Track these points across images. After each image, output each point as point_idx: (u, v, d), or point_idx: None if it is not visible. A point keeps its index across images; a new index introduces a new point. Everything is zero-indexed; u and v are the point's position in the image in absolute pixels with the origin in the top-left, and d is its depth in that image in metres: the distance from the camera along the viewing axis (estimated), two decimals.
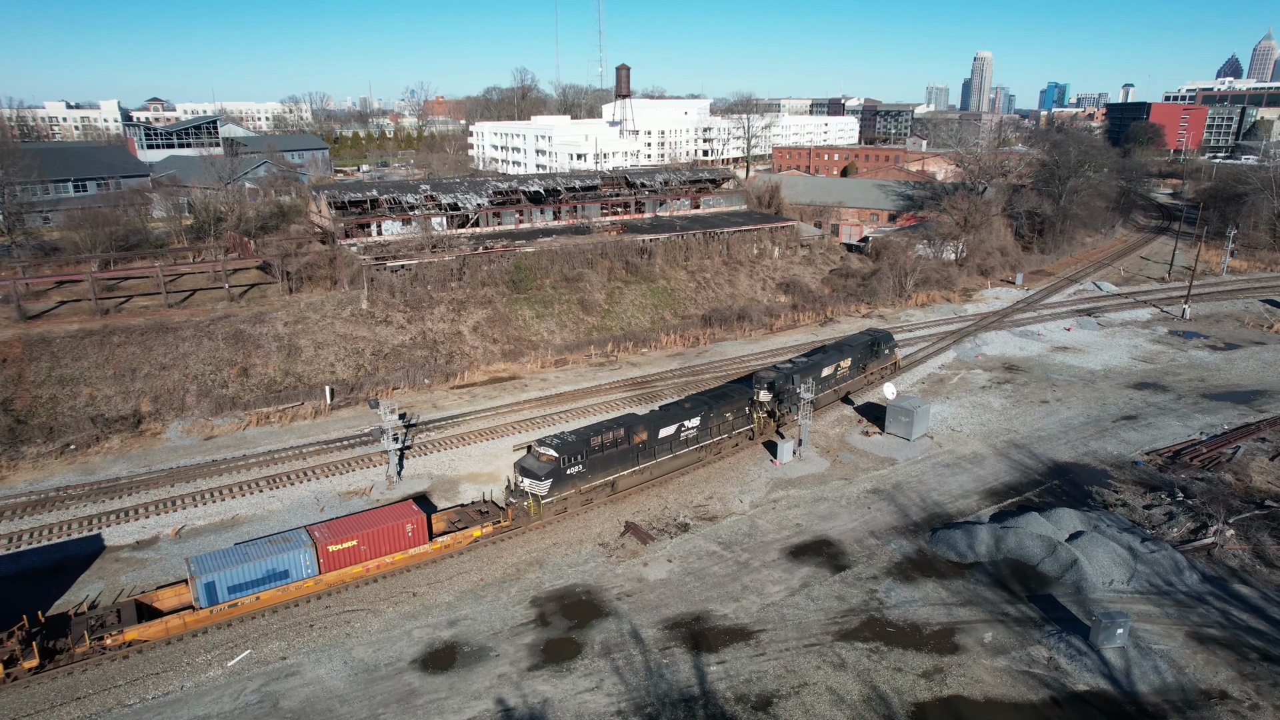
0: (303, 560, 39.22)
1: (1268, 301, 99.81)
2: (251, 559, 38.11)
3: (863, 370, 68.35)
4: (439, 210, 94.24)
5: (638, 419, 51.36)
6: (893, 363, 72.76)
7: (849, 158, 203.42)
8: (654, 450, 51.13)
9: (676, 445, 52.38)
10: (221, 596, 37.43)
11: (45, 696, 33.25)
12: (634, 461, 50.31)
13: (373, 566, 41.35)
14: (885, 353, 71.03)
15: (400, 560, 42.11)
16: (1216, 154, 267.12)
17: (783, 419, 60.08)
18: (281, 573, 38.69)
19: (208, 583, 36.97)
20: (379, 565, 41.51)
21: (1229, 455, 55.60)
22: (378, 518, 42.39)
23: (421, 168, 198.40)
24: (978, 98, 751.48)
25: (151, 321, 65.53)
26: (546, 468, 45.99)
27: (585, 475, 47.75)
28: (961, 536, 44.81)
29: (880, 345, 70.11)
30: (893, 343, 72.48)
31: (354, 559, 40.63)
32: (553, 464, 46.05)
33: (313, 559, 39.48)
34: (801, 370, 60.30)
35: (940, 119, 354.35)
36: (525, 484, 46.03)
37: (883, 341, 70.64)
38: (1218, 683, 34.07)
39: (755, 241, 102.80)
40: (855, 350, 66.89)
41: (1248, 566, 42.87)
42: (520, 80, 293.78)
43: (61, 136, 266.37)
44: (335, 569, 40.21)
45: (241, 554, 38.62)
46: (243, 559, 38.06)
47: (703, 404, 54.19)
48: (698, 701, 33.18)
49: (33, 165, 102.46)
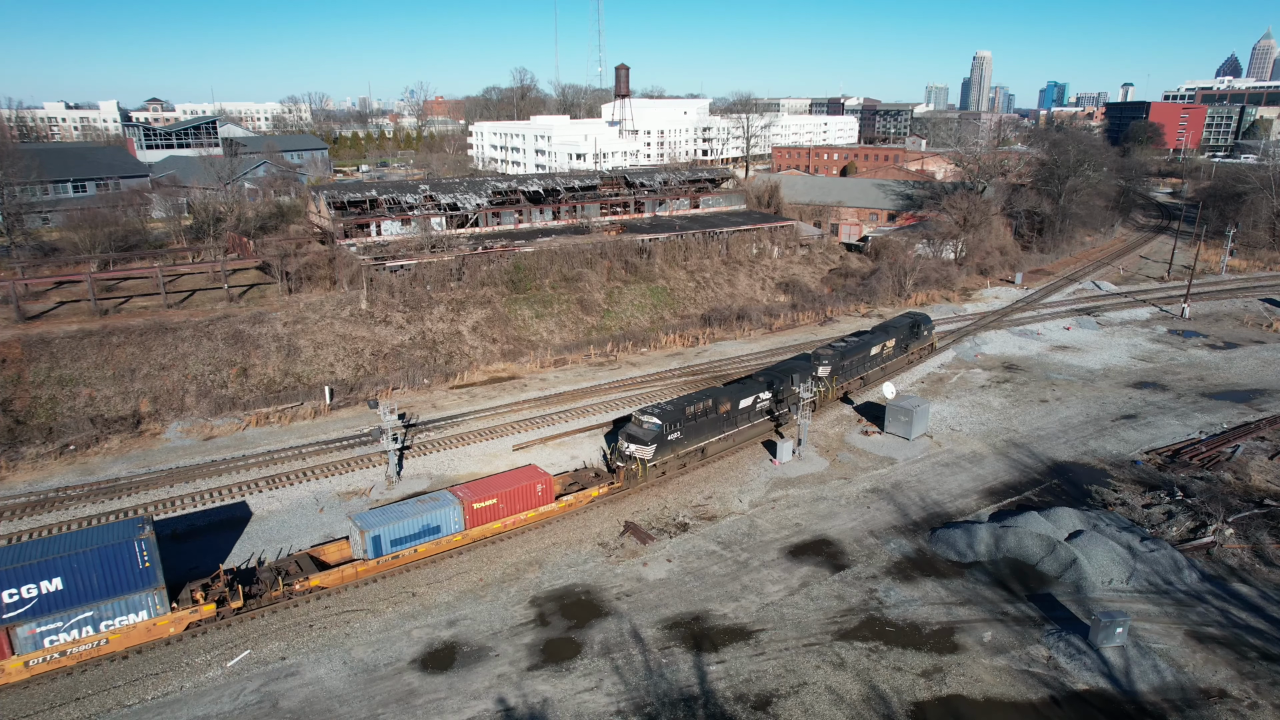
0: (452, 516, 43.38)
1: (1267, 300, 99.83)
2: (408, 516, 42.04)
3: (905, 350, 73.58)
4: (438, 210, 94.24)
5: (723, 391, 55.86)
6: (930, 344, 77.92)
7: (848, 157, 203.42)
8: (735, 419, 55.89)
9: (754, 415, 57.67)
10: (385, 549, 41.34)
11: (45, 697, 33.25)
12: (720, 429, 55.13)
13: (509, 523, 45.66)
14: (924, 334, 76.30)
15: (531, 517, 46.54)
16: (1216, 153, 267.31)
17: (838, 392, 65.50)
18: (434, 528, 42.79)
19: (374, 536, 40.76)
20: (514, 522, 45.86)
21: (1228, 454, 55.61)
22: (512, 479, 46.57)
23: (421, 168, 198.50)
24: (977, 97, 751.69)
25: (151, 322, 65.50)
26: (651, 434, 50.40)
27: (682, 441, 52.51)
28: (961, 536, 44.82)
29: (920, 327, 75.44)
30: (931, 324, 77.81)
31: (493, 516, 44.99)
32: (656, 431, 50.45)
33: (460, 515, 43.70)
34: (854, 349, 66.24)
35: (940, 118, 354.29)
36: (631, 449, 50.51)
37: (922, 324, 75.98)
38: (1217, 681, 34.08)
39: (754, 241, 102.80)
40: (899, 331, 72.20)
41: (1247, 565, 42.88)
42: (519, 80, 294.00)
43: (60, 137, 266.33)
44: (478, 524, 44.51)
45: (399, 512, 42.51)
46: (401, 516, 41.96)
47: (773, 378, 58.73)
48: (697, 701, 33.17)
49: (32, 166, 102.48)
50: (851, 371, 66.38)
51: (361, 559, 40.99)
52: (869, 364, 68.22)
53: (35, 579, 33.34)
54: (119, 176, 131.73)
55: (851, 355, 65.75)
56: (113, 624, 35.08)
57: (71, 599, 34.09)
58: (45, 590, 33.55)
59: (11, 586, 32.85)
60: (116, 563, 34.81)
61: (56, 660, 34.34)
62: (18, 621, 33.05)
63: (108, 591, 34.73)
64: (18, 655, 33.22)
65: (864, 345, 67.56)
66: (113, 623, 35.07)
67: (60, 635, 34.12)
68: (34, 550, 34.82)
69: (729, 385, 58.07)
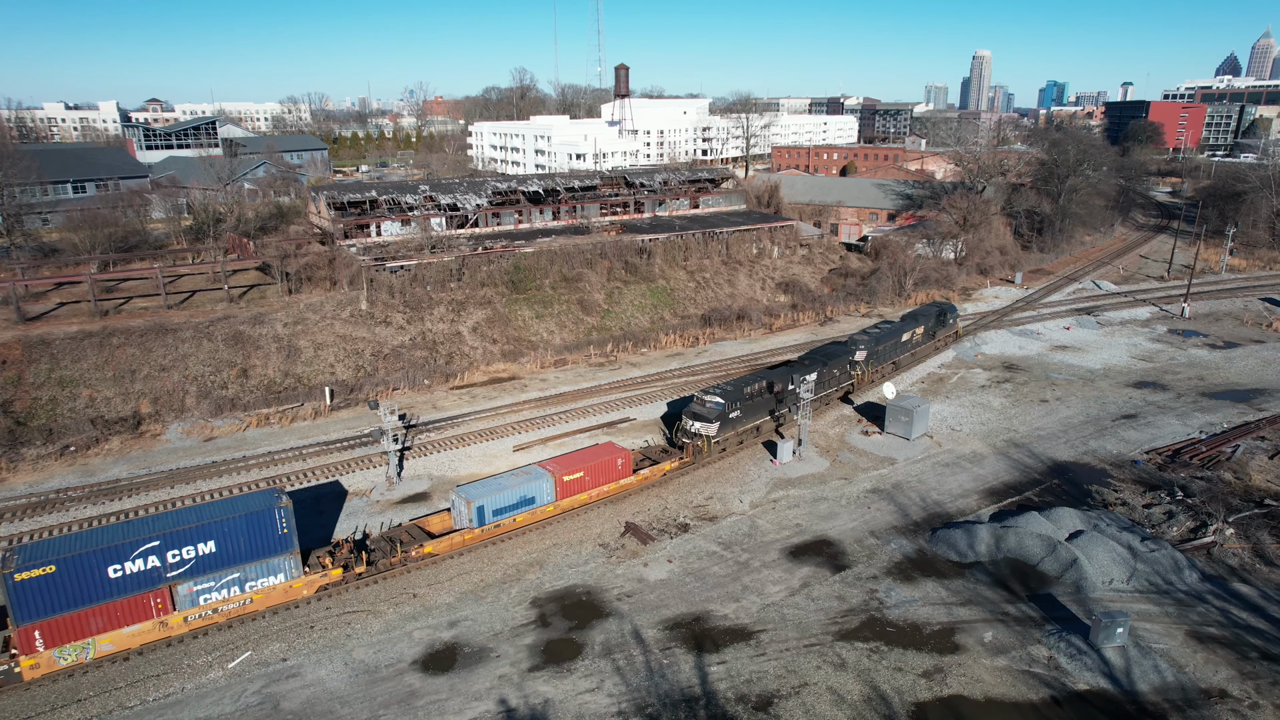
0: (545, 489, 47.07)
1: (1267, 300, 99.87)
2: (507, 488, 45.64)
3: (933, 336, 78.30)
4: (438, 211, 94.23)
5: (774, 373, 60.51)
6: (955, 331, 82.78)
7: (848, 157, 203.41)
8: (784, 399, 59.70)
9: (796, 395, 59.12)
10: (488, 519, 44.98)
11: (46, 699, 33.27)
12: (773, 408, 59.35)
13: (594, 494, 49.35)
14: (950, 321, 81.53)
15: (612, 489, 50.25)
16: (1215, 152, 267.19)
17: (872, 375, 69.12)
18: (530, 499, 46.53)
19: (479, 506, 44.32)
20: (598, 493, 49.58)
21: (1228, 454, 55.64)
22: (595, 454, 50.48)
23: (420, 168, 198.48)
24: (977, 96, 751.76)
25: (151, 323, 65.49)
26: (715, 413, 54.31)
27: (742, 419, 56.55)
28: (961, 536, 44.83)
29: (947, 315, 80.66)
30: (956, 313, 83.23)
31: (580, 488, 48.65)
32: (719, 410, 54.30)
33: (552, 488, 47.24)
34: (887, 335, 70.60)
35: (939, 118, 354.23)
36: (696, 426, 54.37)
37: (948, 312, 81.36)
38: (1217, 681, 34.10)
39: (754, 241, 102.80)
40: (927, 319, 76.61)
41: (1247, 565, 42.90)
42: (519, 80, 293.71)
43: (60, 137, 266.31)
44: (568, 495, 48.04)
45: (498, 484, 46.15)
46: (501, 488, 45.60)
47: (818, 362, 62.61)
48: (699, 702, 33.19)
49: (31, 166, 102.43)
50: (885, 356, 70.20)
51: (467, 527, 44.49)
52: (900, 349, 72.78)
53: (193, 542, 36.74)
54: (119, 177, 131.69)
55: (885, 341, 69.73)
56: (256, 585, 38.70)
57: (223, 561, 37.58)
58: (201, 552, 37.06)
59: (175, 548, 36.36)
60: (260, 529, 38.06)
61: (209, 617, 37.84)
62: (178, 580, 36.74)
63: (252, 555, 38.20)
64: (179, 611, 36.97)
65: (896, 331, 71.84)
66: (256, 584, 38.67)
67: (212, 594, 37.71)
68: (189, 516, 38.09)
69: (776, 368, 62.68)
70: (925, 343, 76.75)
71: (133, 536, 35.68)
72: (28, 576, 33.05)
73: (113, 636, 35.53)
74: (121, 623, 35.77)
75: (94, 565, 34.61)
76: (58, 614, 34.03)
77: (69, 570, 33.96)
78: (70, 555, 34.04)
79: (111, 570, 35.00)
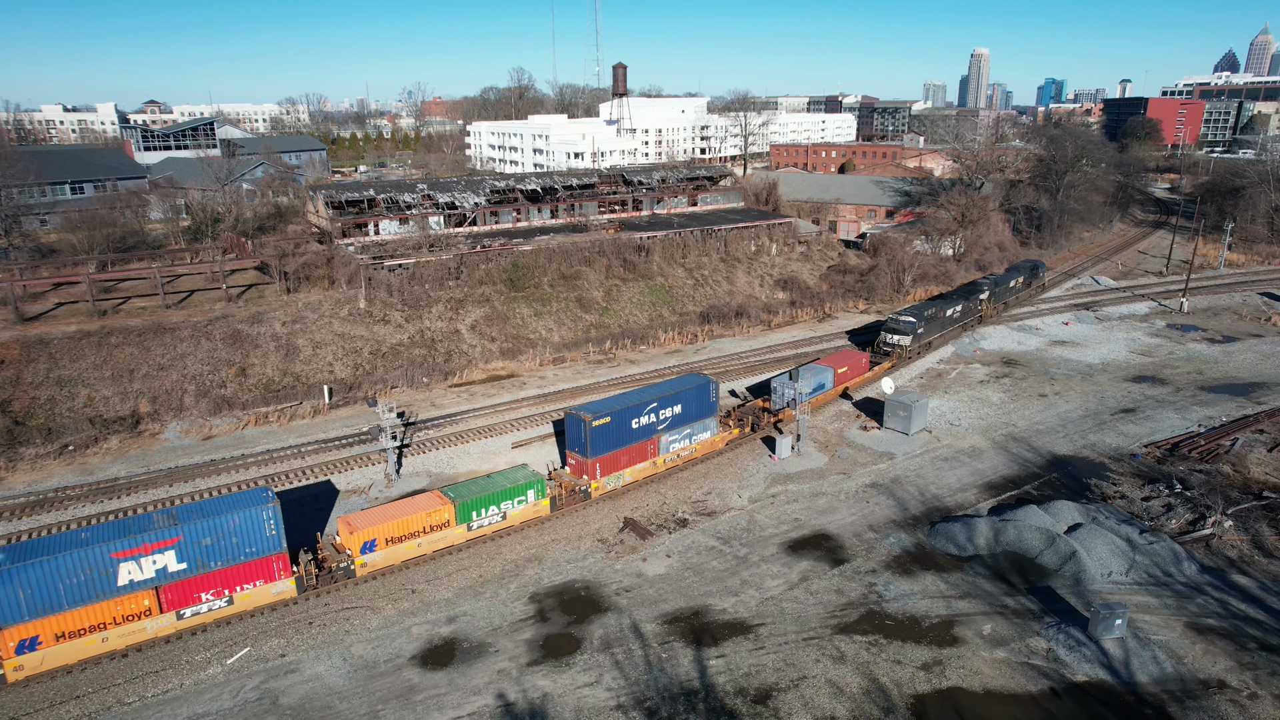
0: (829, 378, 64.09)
1: (1265, 294, 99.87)
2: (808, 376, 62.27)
3: (1028, 285, 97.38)
4: (436, 209, 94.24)
5: (941, 302, 79.29)
6: (1042, 283, 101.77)
7: (846, 155, 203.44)
8: (946, 323, 79.15)
9: (953, 321, 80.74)
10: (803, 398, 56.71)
11: (45, 695, 33.28)
12: (942, 328, 78.54)
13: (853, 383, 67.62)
14: (1040, 274, 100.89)
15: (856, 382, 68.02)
16: (1214, 148, 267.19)
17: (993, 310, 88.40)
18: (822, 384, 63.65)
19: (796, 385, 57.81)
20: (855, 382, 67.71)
21: (1227, 447, 55.65)
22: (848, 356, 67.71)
23: (419, 168, 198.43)
24: (975, 94, 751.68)
25: (149, 322, 65.49)
26: (909, 329, 72.33)
27: (923, 335, 74.65)
28: (960, 530, 44.83)
29: (1038, 269, 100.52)
30: (1044, 268, 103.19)
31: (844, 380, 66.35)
32: (911, 326, 72.46)
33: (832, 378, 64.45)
34: (1002, 280, 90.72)
35: (937, 115, 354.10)
36: (894, 339, 72.39)
37: (1039, 267, 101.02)
38: (1216, 672, 34.12)
39: (753, 239, 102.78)
40: (1025, 272, 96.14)
41: (1246, 557, 42.91)
42: (517, 80, 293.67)
43: (58, 139, 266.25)
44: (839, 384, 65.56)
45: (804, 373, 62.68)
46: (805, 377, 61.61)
47: (960, 297, 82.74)
48: (698, 695, 33.19)
49: (29, 168, 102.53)
50: (1001, 297, 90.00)
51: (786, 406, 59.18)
52: (1009, 293, 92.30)
53: (670, 405, 52.44)
54: (117, 178, 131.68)
55: (1000, 285, 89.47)
56: (699, 437, 54.62)
57: (684, 420, 53.43)
58: (673, 413, 52.69)
59: (664, 408, 51.97)
60: (700, 398, 53.77)
61: (674, 461, 53.58)
62: (663, 433, 52.29)
63: (697, 416, 54.21)
64: (660, 455, 52.41)
65: (1006, 279, 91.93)
66: (699, 436, 54.59)
67: (677, 444, 53.52)
68: (665, 387, 54.30)
69: (937, 299, 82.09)
70: (1023, 290, 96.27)
71: (642, 400, 51.07)
72: (600, 424, 47.98)
73: (631, 471, 50.88)
74: (635, 461, 51.10)
75: (626, 417, 49.65)
76: (609, 451, 49.09)
77: (616, 420, 48.98)
78: (617, 410, 49.17)
79: (634, 421, 50.19)
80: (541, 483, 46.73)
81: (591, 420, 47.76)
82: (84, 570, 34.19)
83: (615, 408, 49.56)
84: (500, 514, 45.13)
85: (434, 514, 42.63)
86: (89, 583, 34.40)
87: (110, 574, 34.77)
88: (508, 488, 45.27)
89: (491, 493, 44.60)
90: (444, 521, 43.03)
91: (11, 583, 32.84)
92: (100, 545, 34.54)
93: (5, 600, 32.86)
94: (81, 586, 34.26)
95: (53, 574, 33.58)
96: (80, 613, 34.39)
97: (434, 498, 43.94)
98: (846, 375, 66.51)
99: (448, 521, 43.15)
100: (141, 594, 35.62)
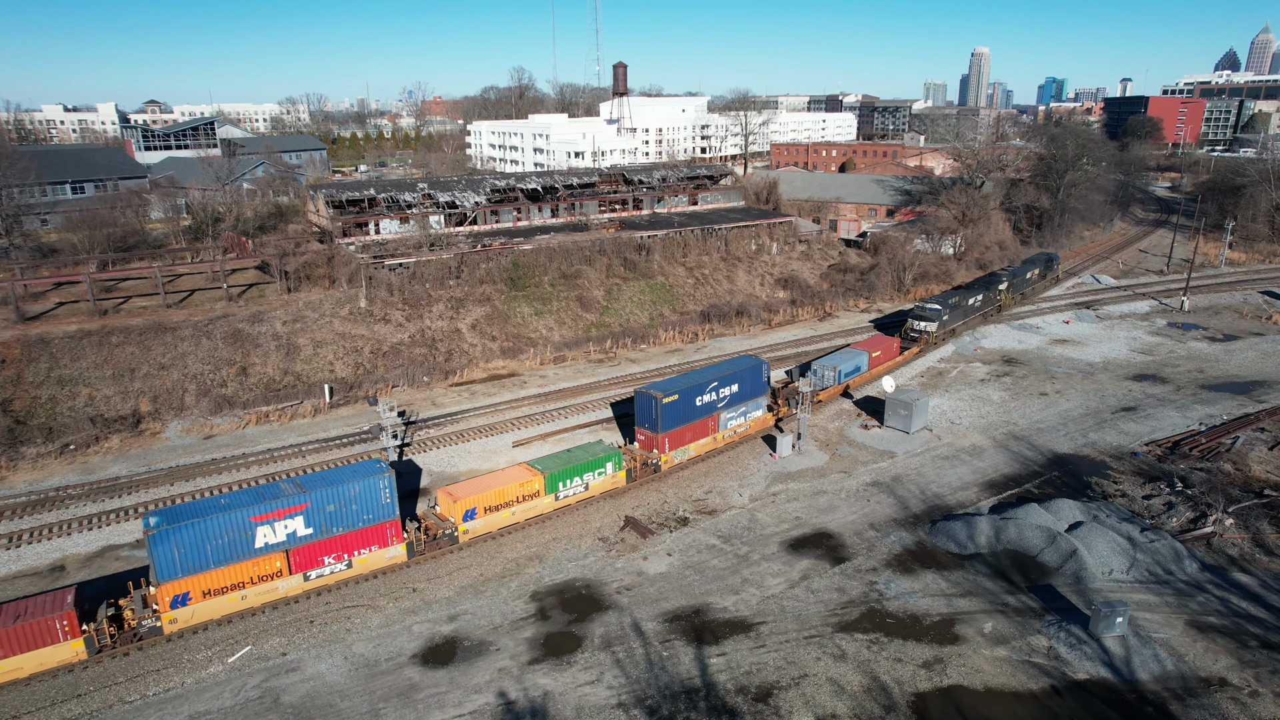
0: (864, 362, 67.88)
1: (1266, 293, 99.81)
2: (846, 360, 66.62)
3: (1044, 277, 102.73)
4: (437, 209, 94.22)
5: (963, 291, 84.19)
6: (1056, 275, 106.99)
7: (847, 154, 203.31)
8: (968, 311, 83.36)
9: (975, 309, 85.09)
10: (843, 379, 65.71)
11: (45, 694, 33.29)
12: (965, 315, 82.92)
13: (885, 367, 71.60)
14: (1055, 266, 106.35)
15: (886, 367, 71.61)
16: (1214, 147, 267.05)
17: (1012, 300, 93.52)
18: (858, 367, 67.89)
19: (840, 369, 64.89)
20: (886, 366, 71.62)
21: (1228, 445, 55.61)
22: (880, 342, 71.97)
23: (419, 167, 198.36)
24: (975, 93, 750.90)
25: (150, 322, 65.50)
26: (935, 315, 76.84)
27: (948, 321, 79.26)
28: (961, 528, 44.83)
29: (1053, 261, 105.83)
30: (1058, 260, 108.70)
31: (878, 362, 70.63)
32: (938, 314, 76.96)
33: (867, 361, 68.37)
34: (1020, 271, 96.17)
35: (938, 114, 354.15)
36: (921, 325, 76.69)
37: (1054, 259, 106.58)
38: (1217, 670, 34.11)
39: (753, 238, 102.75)
40: (1040, 264, 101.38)
41: (1247, 555, 42.89)
42: (517, 79, 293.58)
43: (59, 139, 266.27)
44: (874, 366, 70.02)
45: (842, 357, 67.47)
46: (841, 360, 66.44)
47: (981, 287, 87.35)
48: (699, 693, 33.19)
49: (30, 168, 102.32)
50: (1018, 287, 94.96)
51: (834, 384, 64.54)
52: (1026, 284, 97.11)
53: (728, 384, 55.80)
54: (117, 178, 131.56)
55: (1018, 276, 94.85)
56: (752, 415, 58.12)
57: (739, 399, 56.85)
58: (731, 392, 56.15)
59: (724, 387, 55.46)
60: (754, 378, 57.55)
61: (731, 437, 56.99)
62: (722, 411, 55.81)
63: (751, 395, 57.58)
64: (720, 430, 56.01)
65: (1024, 270, 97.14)
66: (752, 414, 58.10)
67: (734, 421, 56.96)
68: (724, 368, 57.51)
69: (960, 289, 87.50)
70: (1039, 281, 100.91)
71: (705, 379, 54.39)
72: (669, 401, 51.54)
73: (695, 446, 54.40)
74: (699, 437, 54.46)
75: (691, 395, 53.07)
76: (676, 427, 52.53)
77: (683, 398, 52.51)
78: (683, 388, 52.56)
79: (698, 400, 53.53)
80: (619, 455, 50.46)
81: (661, 398, 51.19)
82: (228, 532, 37.05)
83: (682, 386, 53.10)
84: (583, 485, 48.71)
85: (526, 484, 46.04)
86: (231, 544, 37.27)
87: (249, 536, 37.60)
88: (589, 460, 48.83)
89: (575, 465, 48.07)
90: (535, 492, 46.42)
91: (168, 542, 35.60)
92: (240, 510, 37.41)
93: (163, 558, 35.67)
94: (225, 547, 37.17)
95: (202, 535, 36.48)
96: (223, 572, 37.33)
97: (524, 470, 47.37)
98: (880, 359, 70.56)
99: (538, 491, 46.54)
100: (274, 556, 38.47)
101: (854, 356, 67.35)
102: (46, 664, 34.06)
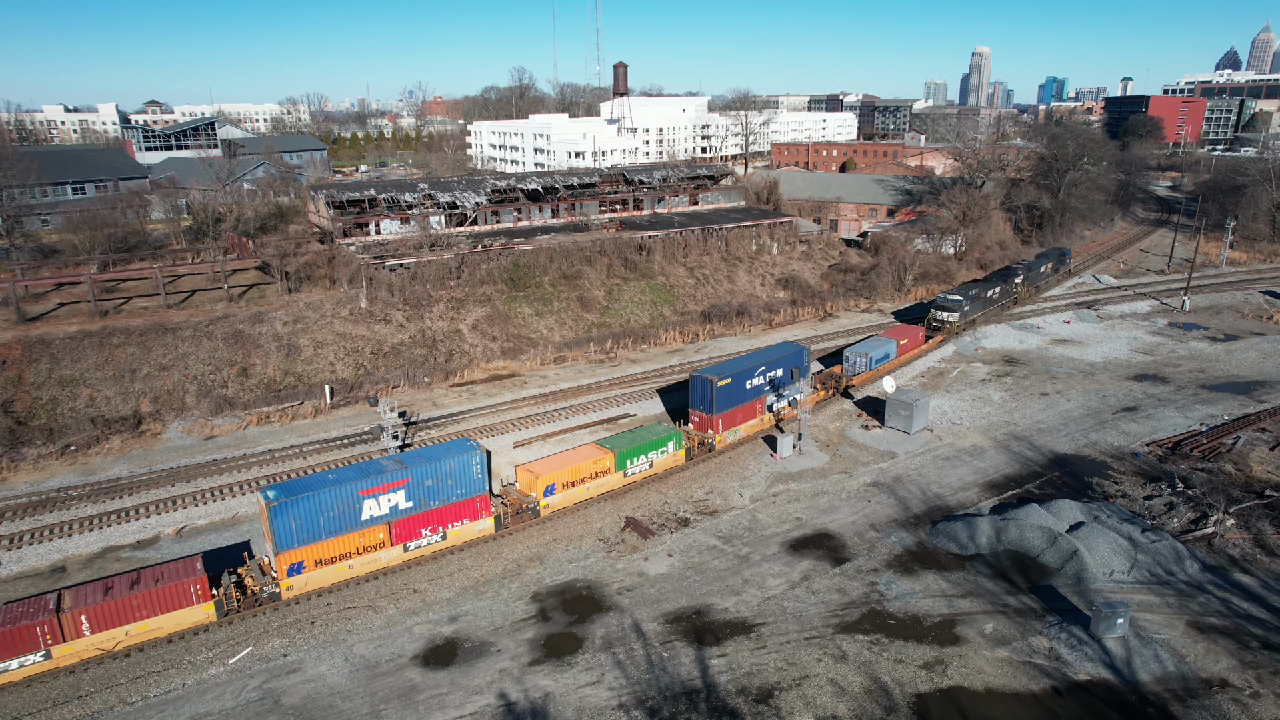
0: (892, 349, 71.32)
1: (1267, 293, 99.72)
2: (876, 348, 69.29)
3: (1057, 271, 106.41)
4: (437, 209, 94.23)
5: (983, 284, 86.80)
6: (1068, 269, 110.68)
7: (847, 153, 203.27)
8: (988, 302, 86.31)
9: (993, 301, 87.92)
10: (873, 365, 68.75)
11: (47, 695, 33.31)
12: (985, 306, 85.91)
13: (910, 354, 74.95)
14: (1068, 261, 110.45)
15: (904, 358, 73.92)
16: (1215, 146, 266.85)
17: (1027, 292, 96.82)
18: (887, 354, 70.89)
19: (870, 356, 68.24)
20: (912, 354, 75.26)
21: (1229, 445, 55.58)
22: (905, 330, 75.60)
23: (420, 167, 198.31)
24: (976, 93, 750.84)
25: (151, 322, 65.54)
26: (957, 306, 80.00)
27: (969, 312, 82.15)
28: (962, 528, 44.81)
29: (1065, 256, 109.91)
30: (1070, 255, 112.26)
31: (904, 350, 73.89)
32: (959, 305, 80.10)
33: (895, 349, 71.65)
34: (1034, 265, 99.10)
35: (938, 114, 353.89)
36: (944, 316, 79.91)
37: (1066, 254, 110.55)
38: (1219, 671, 34.09)
39: (754, 237, 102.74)
40: (1053, 259, 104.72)
41: (1248, 555, 42.86)
42: (518, 79, 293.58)
43: (60, 139, 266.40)
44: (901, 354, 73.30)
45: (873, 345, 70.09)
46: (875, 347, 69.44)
47: (998, 280, 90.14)
48: (699, 694, 33.19)
49: (31, 168, 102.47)
50: (1033, 281, 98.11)
51: (865, 370, 67.71)
52: (1040, 277, 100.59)
53: (771, 369, 58.91)
54: (118, 178, 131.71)
55: (1033, 270, 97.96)
56: (793, 397, 60.59)
57: (780, 383, 59.71)
58: (773, 377, 59.21)
59: (770, 371, 58.70)
60: (797, 363, 59.89)
61: (784, 413, 60.48)
62: (767, 395, 58.93)
63: (787, 382, 59.93)
64: (771, 412, 59.72)
65: (1038, 264, 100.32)
66: (792, 396, 60.55)
67: (776, 404, 59.99)
68: (770, 353, 60.68)
69: (978, 282, 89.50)
70: (1052, 275, 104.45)
71: (753, 364, 57.37)
72: (723, 384, 54.12)
73: (745, 427, 57.41)
74: (748, 418, 57.68)
75: (741, 379, 55.84)
76: (729, 409, 55.45)
77: (736, 381, 55.33)
78: (735, 372, 55.28)
79: (748, 383, 56.40)
80: (679, 435, 53.54)
81: (716, 381, 54.13)
82: (338, 505, 39.63)
83: (734, 370, 56.17)
84: (648, 462, 51.87)
85: (598, 462, 49.20)
86: (340, 516, 39.84)
87: (356, 509, 40.21)
88: (653, 440, 51.97)
89: (641, 444, 51.27)
90: (606, 469, 49.59)
91: (286, 514, 38.13)
92: (349, 484, 39.98)
93: (281, 529, 38.14)
94: (335, 520, 39.71)
95: (315, 508, 38.99)
96: (333, 542, 39.91)
97: (595, 449, 50.55)
98: (906, 347, 73.94)
99: (609, 469, 49.64)
100: (378, 528, 41.10)
101: (883, 344, 70.37)
102: (183, 624, 36.56)
